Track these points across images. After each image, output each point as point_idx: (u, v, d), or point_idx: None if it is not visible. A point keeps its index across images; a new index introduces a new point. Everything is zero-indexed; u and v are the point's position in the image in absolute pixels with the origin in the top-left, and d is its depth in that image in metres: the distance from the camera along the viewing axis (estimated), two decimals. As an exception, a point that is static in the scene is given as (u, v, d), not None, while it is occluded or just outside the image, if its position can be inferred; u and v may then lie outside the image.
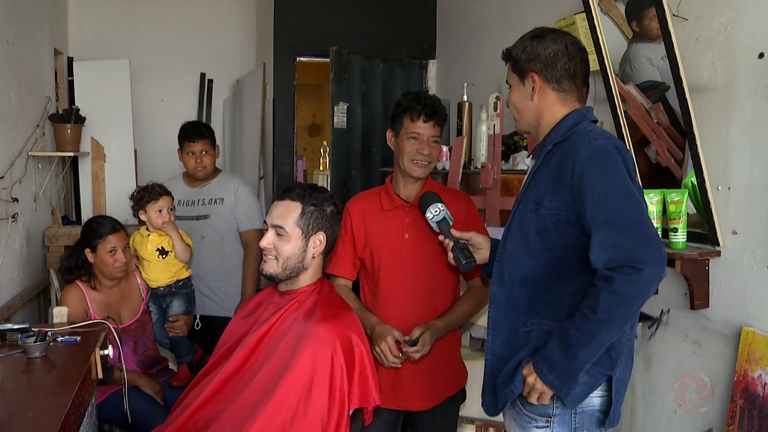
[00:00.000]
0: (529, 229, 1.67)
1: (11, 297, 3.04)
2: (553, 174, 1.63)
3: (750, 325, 1.94)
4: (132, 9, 4.94)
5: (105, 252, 2.70)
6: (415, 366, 2.24)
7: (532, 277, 1.67)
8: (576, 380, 1.56)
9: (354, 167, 4.23)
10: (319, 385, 1.73)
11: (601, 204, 1.51)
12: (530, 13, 3.15)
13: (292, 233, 1.91)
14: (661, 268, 1.47)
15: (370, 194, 2.42)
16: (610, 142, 1.59)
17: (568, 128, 1.66)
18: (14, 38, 3.18)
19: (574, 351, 1.52)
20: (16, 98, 3.21)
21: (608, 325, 1.49)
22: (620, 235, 1.48)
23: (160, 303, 2.95)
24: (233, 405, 1.80)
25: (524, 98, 1.73)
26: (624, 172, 1.55)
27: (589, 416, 1.65)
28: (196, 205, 3.27)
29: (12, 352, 1.94)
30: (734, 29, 1.97)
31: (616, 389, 1.63)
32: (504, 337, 1.72)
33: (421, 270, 2.24)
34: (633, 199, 1.52)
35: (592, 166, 1.54)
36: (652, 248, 1.47)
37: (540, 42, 1.70)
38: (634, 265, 1.45)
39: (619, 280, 1.45)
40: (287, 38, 4.37)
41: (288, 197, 1.94)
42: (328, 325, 1.81)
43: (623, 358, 1.64)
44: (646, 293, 1.48)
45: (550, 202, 1.62)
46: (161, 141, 4.79)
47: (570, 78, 1.69)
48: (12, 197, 3.07)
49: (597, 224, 1.51)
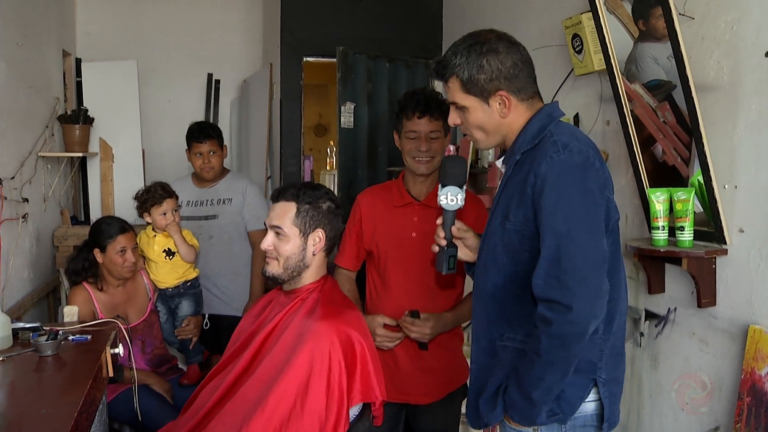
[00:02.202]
0: (497, 243, 1.62)
1: (22, 296, 3.07)
2: (519, 186, 1.56)
3: (757, 323, 1.95)
4: (139, 10, 4.97)
5: (115, 252, 2.72)
6: (414, 363, 2.27)
7: (500, 290, 1.62)
8: (536, 418, 1.55)
9: (360, 167, 4.24)
10: (316, 382, 1.74)
11: (555, 234, 1.46)
12: (536, 12, 3.16)
13: (290, 233, 1.92)
14: (593, 309, 1.44)
15: (381, 188, 2.44)
16: (576, 155, 1.49)
17: (536, 133, 1.57)
18: (23, 40, 3.21)
19: (527, 393, 1.52)
20: (25, 99, 3.24)
21: (552, 366, 1.48)
22: (562, 273, 1.44)
23: (168, 304, 2.97)
24: (235, 401, 1.83)
25: (492, 118, 1.61)
26: (588, 192, 1.48)
27: (581, 422, 1.61)
28: (205, 205, 3.30)
29: (24, 351, 1.96)
30: (740, 28, 1.97)
31: (608, 391, 1.61)
32: (484, 349, 1.70)
33: (426, 270, 2.25)
34: (587, 237, 1.45)
35: (551, 187, 1.47)
36: (587, 289, 1.43)
37: (496, 56, 1.56)
38: (566, 304, 1.42)
39: (556, 322, 1.44)
40: (294, 39, 4.39)
41: (282, 198, 1.96)
42: (328, 322, 1.82)
43: (605, 359, 1.60)
44: (583, 334, 1.44)
45: (514, 217, 1.56)
46: (169, 141, 4.84)
47: (532, 81, 1.62)
48: (22, 197, 3.10)
49: (545, 252, 1.47)
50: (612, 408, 1.62)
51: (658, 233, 2.10)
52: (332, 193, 2.04)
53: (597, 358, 1.58)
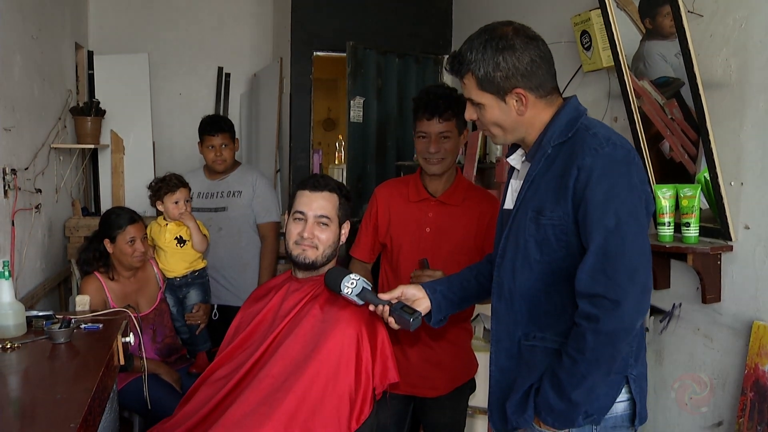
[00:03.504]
0: (528, 239, 1.56)
1: (34, 286, 3.12)
2: (556, 181, 1.52)
3: (761, 319, 1.96)
4: (151, 4, 5.00)
5: (125, 242, 2.76)
6: (423, 356, 2.29)
7: (532, 289, 1.58)
8: (576, 420, 1.51)
9: (369, 161, 4.26)
10: (346, 365, 1.82)
11: (603, 228, 1.43)
12: (545, 8, 3.17)
13: (333, 223, 2.03)
14: (640, 305, 1.43)
15: (399, 182, 2.44)
16: (619, 149, 1.47)
17: (567, 126, 1.54)
18: (37, 33, 3.24)
19: (567, 394, 1.48)
20: (39, 92, 3.28)
21: (597, 364, 1.45)
22: (609, 267, 1.41)
23: (176, 294, 3.01)
24: (257, 381, 1.87)
25: (509, 116, 1.57)
26: (634, 188, 1.46)
27: (612, 423, 1.57)
28: (215, 197, 3.33)
29: (38, 338, 2.00)
30: (749, 25, 1.98)
31: (639, 387, 1.58)
32: (507, 351, 1.65)
33: (439, 266, 2.23)
34: (635, 231, 1.44)
35: (598, 180, 1.44)
36: (634, 285, 1.41)
37: (512, 53, 1.51)
38: (613, 298, 1.40)
39: (603, 318, 1.41)
40: (304, 33, 4.41)
41: (327, 189, 2.04)
42: (355, 309, 1.89)
43: (634, 354, 1.57)
44: (631, 329, 1.43)
45: (551, 212, 1.52)
46: (179, 134, 4.89)
47: (551, 77, 1.58)
48: (35, 188, 3.14)
49: (593, 246, 1.44)
50: (642, 404, 1.60)
51: (664, 229, 2.12)
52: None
53: (629, 355, 1.55)
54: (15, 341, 1.96)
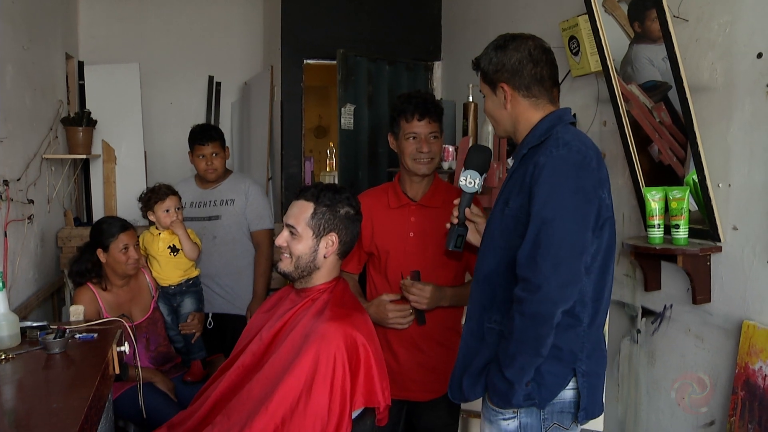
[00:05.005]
0: (496, 227, 1.73)
1: (27, 296, 3.11)
2: (521, 177, 1.67)
3: (750, 319, 1.99)
4: (141, 14, 5.01)
5: (118, 250, 2.76)
6: (414, 360, 2.30)
7: (493, 274, 1.72)
8: (512, 399, 1.61)
9: (361, 168, 4.27)
10: (320, 384, 1.76)
11: (540, 219, 1.56)
12: (534, 15, 3.20)
13: (303, 233, 1.94)
14: (559, 295, 1.53)
15: (378, 191, 2.46)
16: (574, 153, 1.59)
17: (543, 132, 1.69)
18: (29, 43, 3.25)
19: (502, 373, 1.60)
20: (30, 102, 3.28)
21: (524, 345, 1.56)
22: (538, 255, 1.53)
23: (170, 302, 3.01)
24: (240, 397, 1.86)
25: (498, 107, 1.78)
26: (580, 190, 1.57)
27: (559, 409, 1.67)
28: (208, 206, 3.33)
29: (32, 349, 2.00)
30: (733, 30, 2.01)
31: (587, 382, 1.66)
32: (472, 331, 1.78)
33: (424, 269, 2.27)
34: (569, 228, 1.54)
35: (546, 178, 1.57)
36: (557, 275, 1.52)
37: (503, 52, 1.74)
38: (535, 283, 1.52)
39: (526, 301, 1.54)
40: (294, 41, 4.43)
41: (303, 197, 1.97)
42: (336, 324, 1.83)
43: (585, 351, 1.66)
44: (550, 317, 1.53)
45: (513, 203, 1.67)
46: (170, 143, 4.88)
47: (538, 82, 1.73)
48: (28, 199, 3.14)
49: (528, 234, 1.57)
50: (591, 398, 1.67)
51: (654, 231, 2.14)
52: (354, 198, 2.03)
53: (578, 350, 1.65)
54: (9, 352, 1.96)
